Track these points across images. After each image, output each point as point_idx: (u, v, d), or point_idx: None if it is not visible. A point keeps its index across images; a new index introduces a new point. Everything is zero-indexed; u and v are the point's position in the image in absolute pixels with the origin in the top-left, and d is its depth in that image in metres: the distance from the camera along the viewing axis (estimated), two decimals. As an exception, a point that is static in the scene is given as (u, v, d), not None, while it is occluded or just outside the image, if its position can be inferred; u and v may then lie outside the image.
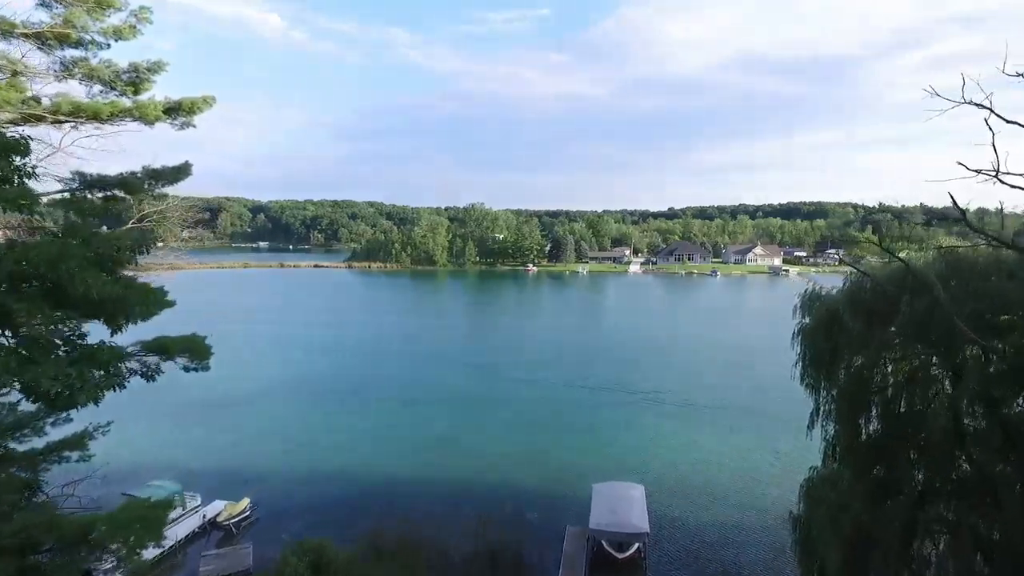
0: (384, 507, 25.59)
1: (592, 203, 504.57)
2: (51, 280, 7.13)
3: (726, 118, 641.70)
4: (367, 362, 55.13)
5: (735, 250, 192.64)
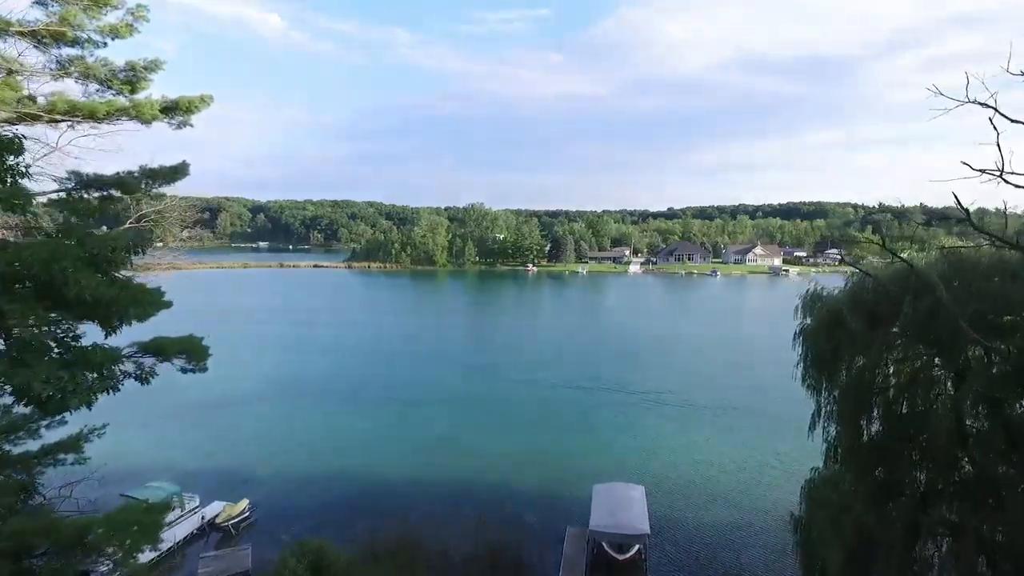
0: (384, 508, 25.54)
1: (592, 203, 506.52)
2: (44, 281, 7.01)
3: (726, 118, 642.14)
4: (366, 362, 55.07)
5: (735, 250, 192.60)
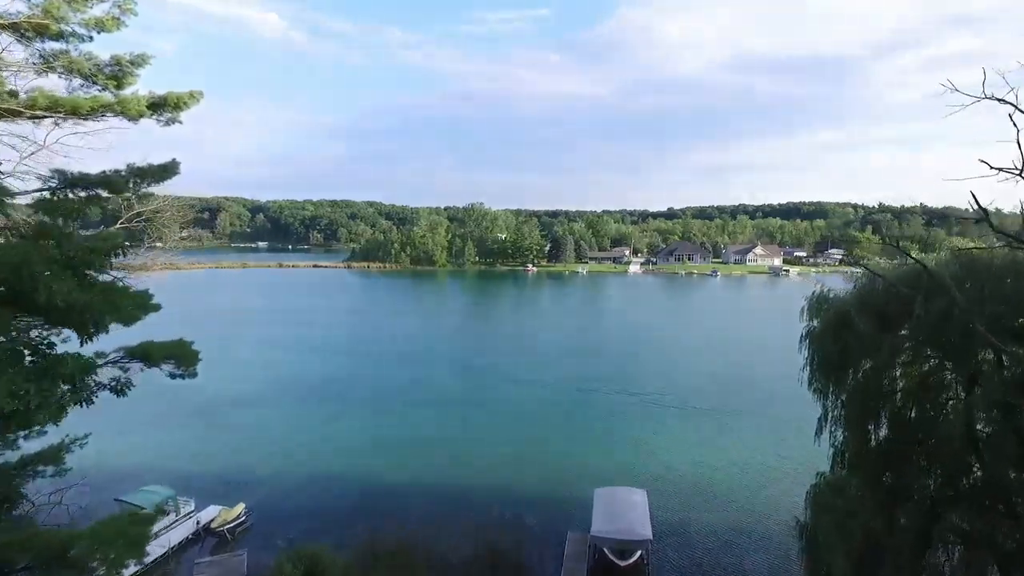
0: (381, 511, 25.24)
1: (592, 203, 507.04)
2: (13, 286, 6.61)
3: (726, 118, 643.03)
4: (365, 364, 54.67)
5: (735, 250, 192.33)
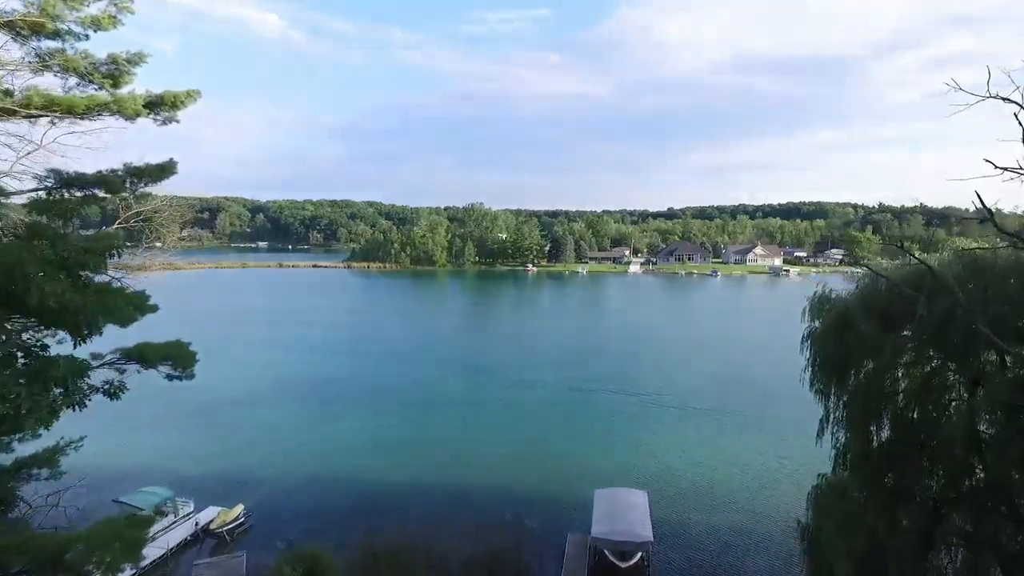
0: (381, 512, 25.19)
1: (592, 203, 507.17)
2: (6, 287, 6.50)
3: (726, 118, 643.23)
4: (364, 364, 54.58)
5: (735, 250, 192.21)
